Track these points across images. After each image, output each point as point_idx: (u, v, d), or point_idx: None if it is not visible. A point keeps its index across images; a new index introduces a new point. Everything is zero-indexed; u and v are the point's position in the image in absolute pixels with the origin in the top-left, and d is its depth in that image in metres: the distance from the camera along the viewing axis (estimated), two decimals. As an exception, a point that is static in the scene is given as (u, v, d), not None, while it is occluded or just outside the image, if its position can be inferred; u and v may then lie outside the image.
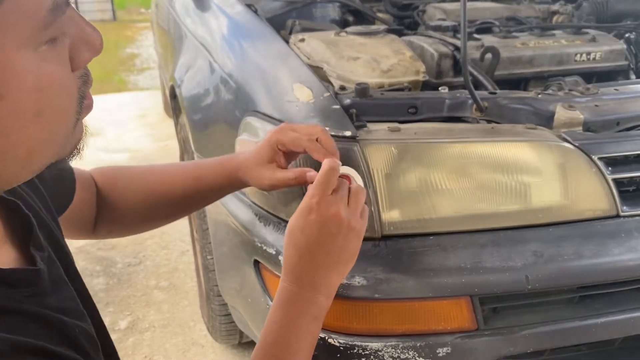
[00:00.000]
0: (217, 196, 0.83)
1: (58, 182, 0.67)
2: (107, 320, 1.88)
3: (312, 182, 0.66)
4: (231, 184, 0.80)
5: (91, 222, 0.78)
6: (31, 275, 0.46)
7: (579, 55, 1.28)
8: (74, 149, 0.46)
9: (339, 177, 0.67)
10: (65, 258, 0.55)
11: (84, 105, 0.45)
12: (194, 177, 0.80)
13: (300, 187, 0.87)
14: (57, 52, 0.40)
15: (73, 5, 0.44)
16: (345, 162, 0.88)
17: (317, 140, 0.73)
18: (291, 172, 0.74)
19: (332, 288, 0.65)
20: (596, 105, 1.02)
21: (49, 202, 0.60)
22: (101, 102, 4.63)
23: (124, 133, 3.78)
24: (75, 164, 0.50)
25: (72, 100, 0.43)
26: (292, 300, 0.63)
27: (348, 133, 0.90)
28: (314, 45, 1.21)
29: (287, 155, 0.77)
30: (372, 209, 0.87)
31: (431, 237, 0.89)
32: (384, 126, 0.94)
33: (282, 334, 0.62)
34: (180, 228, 2.43)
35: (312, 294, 0.63)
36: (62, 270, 0.53)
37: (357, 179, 0.71)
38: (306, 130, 0.75)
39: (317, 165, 0.69)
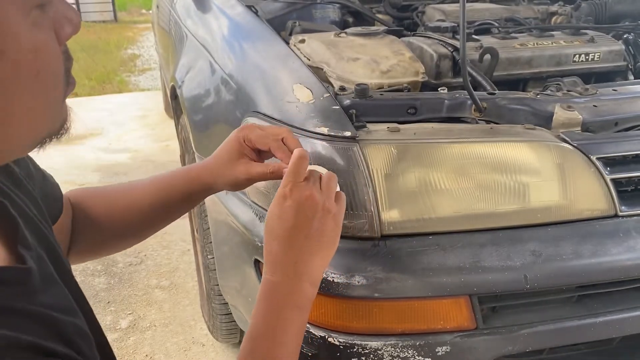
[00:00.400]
0: (188, 204, 0.81)
1: (48, 196, 0.66)
2: (108, 320, 1.88)
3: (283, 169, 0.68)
4: (198, 189, 0.78)
5: (65, 247, 0.75)
6: (21, 273, 0.46)
7: (577, 56, 1.29)
8: (62, 126, 0.48)
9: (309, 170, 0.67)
10: (56, 257, 0.55)
11: (69, 81, 0.47)
12: (162, 188, 0.78)
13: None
14: (46, 20, 0.42)
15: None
16: (345, 162, 0.89)
17: (282, 140, 0.73)
18: (269, 167, 0.73)
19: (315, 275, 0.64)
20: (595, 106, 1.03)
21: (41, 205, 0.60)
22: (102, 102, 4.64)
23: (124, 133, 3.79)
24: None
25: (61, 69, 0.45)
26: (275, 291, 0.63)
27: (348, 133, 0.90)
28: (314, 46, 1.21)
29: (255, 153, 0.77)
30: (372, 208, 0.88)
31: (430, 237, 0.89)
32: (383, 126, 0.95)
33: (268, 326, 0.61)
34: (181, 228, 2.43)
35: (296, 283, 0.63)
36: (52, 268, 0.53)
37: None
38: (272, 130, 0.75)
39: None
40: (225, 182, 0.76)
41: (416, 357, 0.87)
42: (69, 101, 0.52)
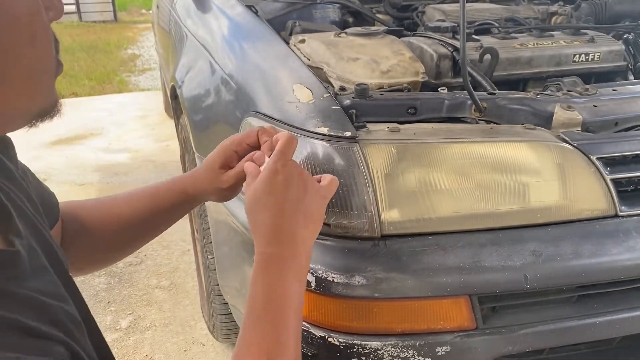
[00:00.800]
0: (175, 215, 0.81)
1: (45, 202, 0.66)
2: (108, 320, 1.88)
3: (261, 162, 0.70)
4: (184, 200, 0.78)
5: None
6: (10, 256, 0.46)
7: (577, 56, 1.29)
8: (54, 106, 0.50)
9: None
10: (49, 250, 0.55)
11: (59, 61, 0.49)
12: (150, 198, 0.78)
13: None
14: None
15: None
16: (345, 162, 0.89)
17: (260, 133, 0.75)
18: (240, 163, 0.74)
19: (308, 244, 0.64)
20: (595, 106, 1.03)
21: (37, 203, 0.60)
22: (102, 102, 4.64)
23: (124, 133, 3.79)
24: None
25: (52, 40, 0.48)
26: (274, 261, 0.61)
27: (348, 133, 0.90)
28: (314, 46, 1.21)
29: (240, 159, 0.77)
30: (372, 208, 0.88)
31: (430, 237, 0.89)
32: (383, 126, 0.95)
33: (270, 297, 0.59)
34: (181, 228, 2.43)
35: (294, 250, 0.62)
36: (44, 259, 0.53)
37: None
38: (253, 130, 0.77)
39: None
40: (209, 192, 0.77)
41: (416, 357, 0.87)
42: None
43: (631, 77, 1.37)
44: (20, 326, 0.42)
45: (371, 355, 0.87)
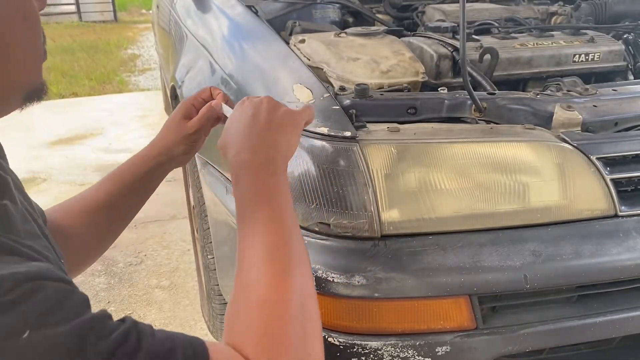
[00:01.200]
0: (152, 183, 0.86)
1: (35, 209, 0.67)
2: (108, 320, 1.88)
3: (218, 108, 0.80)
4: (157, 164, 0.84)
5: None
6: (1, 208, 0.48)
7: (577, 56, 1.29)
8: (42, 87, 0.54)
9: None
10: (43, 232, 0.56)
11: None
12: (119, 178, 0.84)
13: (298, 187, 0.88)
14: None
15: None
16: (345, 162, 0.89)
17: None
18: (201, 110, 0.82)
19: (282, 150, 0.64)
20: (594, 106, 1.03)
21: (30, 199, 0.62)
22: (102, 102, 4.64)
23: (124, 133, 3.79)
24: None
25: (39, 26, 0.52)
26: (248, 166, 0.61)
27: (348, 133, 0.90)
28: (314, 46, 1.21)
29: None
30: (372, 208, 0.88)
31: (430, 237, 0.89)
32: (383, 126, 0.95)
33: (257, 194, 0.59)
34: (181, 228, 2.44)
35: (265, 154, 0.62)
36: (37, 230, 0.54)
37: None
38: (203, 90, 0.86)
39: None
40: (178, 143, 0.83)
41: (416, 357, 0.87)
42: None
43: (631, 77, 1.37)
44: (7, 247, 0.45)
45: (371, 355, 0.87)
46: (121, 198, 0.82)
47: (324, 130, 0.92)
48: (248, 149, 0.62)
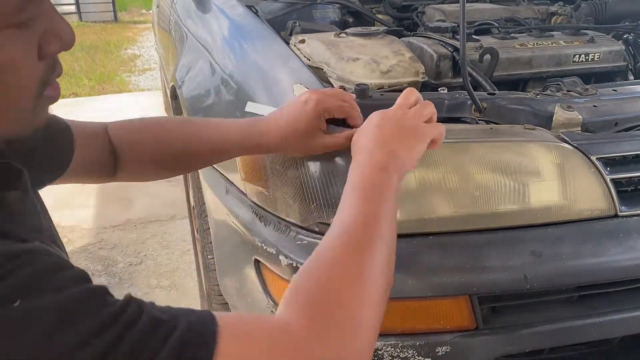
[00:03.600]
0: (237, 154, 0.90)
1: (53, 144, 0.71)
2: (108, 320, 1.88)
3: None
4: (258, 148, 0.84)
5: (109, 168, 0.83)
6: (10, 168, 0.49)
7: (577, 56, 1.29)
8: (35, 131, 0.50)
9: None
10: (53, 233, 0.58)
11: (45, 93, 0.49)
12: (223, 138, 0.84)
13: (298, 187, 0.88)
14: (24, 38, 0.45)
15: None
16: (345, 162, 0.89)
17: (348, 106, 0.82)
18: (342, 137, 0.80)
19: (407, 161, 0.69)
20: (595, 106, 1.03)
21: (43, 201, 0.62)
22: (102, 102, 4.64)
23: (124, 133, 3.79)
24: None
25: (30, 84, 0.47)
26: (369, 163, 0.65)
27: (348, 133, 0.90)
28: (314, 46, 1.21)
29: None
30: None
31: (430, 237, 0.89)
32: (383, 127, 0.95)
33: (371, 182, 0.63)
34: (181, 228, 2.44)
35: (388, 158, 0.66)
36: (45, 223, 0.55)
37: None
38: (342, 96, 0.83)
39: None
40: (297, 151, 0.83)
41: (416, 357, 0.87)
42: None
43: (631, 77, 1.37)
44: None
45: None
46: (218, 153, 0.86)
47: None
48: (368, 152, 0.67)
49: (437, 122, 0.78)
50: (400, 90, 1.08)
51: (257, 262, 1.01)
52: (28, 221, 0.51)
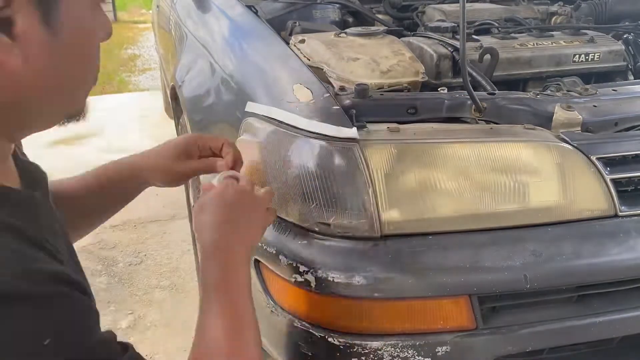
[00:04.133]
0: (125, 200, 0.88)
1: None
2: (108, 320, 1.88)
3: (220, 170, 0.79)
4: (137, 185, 0.85)
5: None
6: (27, 198, 0.51)
7: (577, 56, 1.29)
8: (82, 111, 0.58)
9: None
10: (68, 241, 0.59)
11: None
12: (104, 184, 0.85)
13: (298, 187, 0.88)
14: (97, 17, 0.56)
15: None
16: (345, 162, 0.89)
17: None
18: (203, 162, 0.82)
19: (241, 232, 0.70)
20: (594, 106, 1.03)
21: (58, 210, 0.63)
22: (102, 102, 4.63)
23: (125, 133, 3.79)
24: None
25: (96, 62, 0.57)
26: (219, 250, 0.66)
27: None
28: (314, 46, 1.21)
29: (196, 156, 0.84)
30: (372, 208, 0.88)
31: (430, 237, 0.89)
32: (383, 127, 0.95)
33: (224, 279, 0.64)
34: (181, 228, 2.44)
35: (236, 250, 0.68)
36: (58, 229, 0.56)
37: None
38: (220, 137, 0.85)
39: None
40: (163, 176, 0.83)
41: (416, 357, 0.87)
42: None
43: (631, 77, 1.36)
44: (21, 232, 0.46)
45: (371, 355, 0.87)
46: (97, 197, 0.84)
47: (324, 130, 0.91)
48: (209, 230, 0.68)
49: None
50: (401, 90, 1.09)
51: (257, 261, 1.01)
52: (49, 222, 0.53)
